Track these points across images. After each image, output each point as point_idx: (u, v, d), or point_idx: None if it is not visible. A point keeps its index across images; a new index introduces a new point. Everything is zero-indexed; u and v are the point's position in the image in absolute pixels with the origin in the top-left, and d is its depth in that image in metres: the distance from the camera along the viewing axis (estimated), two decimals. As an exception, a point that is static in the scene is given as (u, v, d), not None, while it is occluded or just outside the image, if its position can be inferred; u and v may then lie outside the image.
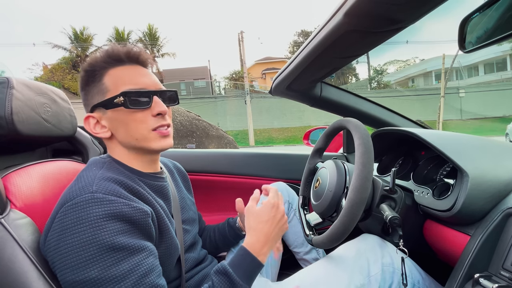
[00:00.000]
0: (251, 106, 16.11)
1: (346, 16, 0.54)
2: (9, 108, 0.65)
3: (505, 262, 0.56)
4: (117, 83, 0.60)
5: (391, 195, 0.74)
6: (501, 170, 0.67)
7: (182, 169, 0.89)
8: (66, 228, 0.49)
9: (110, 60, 0.61)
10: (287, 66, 0.90)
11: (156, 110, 0.61)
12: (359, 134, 0.69)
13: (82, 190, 0.52)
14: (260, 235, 0.62)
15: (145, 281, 0.51)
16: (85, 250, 0.48)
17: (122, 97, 0.58)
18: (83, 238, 0.48)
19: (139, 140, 0.61)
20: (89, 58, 0.62)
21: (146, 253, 0.53)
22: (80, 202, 0.51)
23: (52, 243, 0.51)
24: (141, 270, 0.51)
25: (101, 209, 0.50)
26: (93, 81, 0.61)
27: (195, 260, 0.75)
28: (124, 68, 0.62)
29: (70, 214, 0.50)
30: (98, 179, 0.55)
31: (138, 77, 0.62)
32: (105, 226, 0.49)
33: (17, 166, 0.67)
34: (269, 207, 0.66)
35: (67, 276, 0.48)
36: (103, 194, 0.52)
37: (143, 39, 22.28)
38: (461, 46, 0.58)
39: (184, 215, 0.77)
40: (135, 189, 0.58)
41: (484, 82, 20.19)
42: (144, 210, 0.55)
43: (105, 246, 0.49)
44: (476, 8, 0.54)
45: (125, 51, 0.62)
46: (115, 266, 0.49)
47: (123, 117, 0.60)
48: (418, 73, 24.67)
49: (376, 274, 0.72)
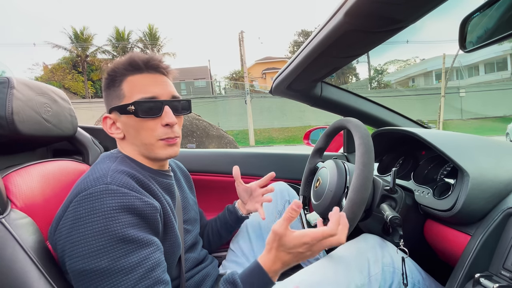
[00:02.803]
0: (251, 106, 16.12)
1: (346, 16, 0.54)
2: (9, 108, 0.65)
3: (506, 262, 0.56)
4: (132, 91, 0.62)
5: (392, 195, 0.74)
6: (502, 170, 0.67)
7: (185, 169, 0.91)
8: (79, 217, 0.50)
9: (130, 68, 0.63)
10: (287, 66, 0.90)
11: (165, 121, 0.62)
12: (359, 134, 0.69)
13: (96, 181, 0.54)
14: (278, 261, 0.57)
15: (152, 275, 0.52)
16: (97, 240, 0.49)
17: (133, 106, 0.61)
18: (95, 228, 0.49)
19: (147, 146, 0.64)
20: (112, 63, 0.65)
21: (154, 248, 0.54)
22: (95, 192, 0.52)
23: (64, 231, 0.51)
24: (149, 264, 0.52)
25: (115, 200, 0.52)
26: (113, 85, 0.64)
27: (195, 260, 0.76)
28: (142, 76, 0.63)
29: (84, 204, 0.51)
30: (112, 171, 0.56)
31: (152, 86, 0.63)
32: (117, 217, 0.51)
33: (17, 166, 0.67)
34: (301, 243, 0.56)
35: (77, 264, 0.49)
36: (117, 186, 0.54)
37: (143, 39, 22.28)
38: (462, 46, 0.58)
39: (186, 215, 0.78)
40: (146, 184, 0.60)
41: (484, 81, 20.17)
42: (154, 205, 0.57)
43: (116, 237, 0.50)
44: (477, 8, 0.54)
45: (145, 60, 0.63)
46: (124, 258, 0.50)
47: (134, 124, 0.62)
48: (419, 72, 24.64)
49: (376, 274, 0.72)
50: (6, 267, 0.51)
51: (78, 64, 20.72)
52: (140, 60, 0.63)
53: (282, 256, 0.57)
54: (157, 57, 0.65)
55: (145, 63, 0.64)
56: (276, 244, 0.56)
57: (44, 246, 0.59)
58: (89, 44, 20.90)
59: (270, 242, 0.57)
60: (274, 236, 0.56)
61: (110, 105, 0.65)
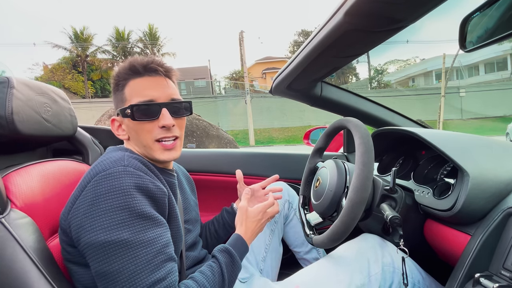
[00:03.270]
0: (251, 106, 16.11)
1: (346, 15, 0.54)
2: (9, 107, 0.65)
3: (506, 262, 0.56)
4: (131, 95, 0.65)
5: (392, 194, 0.74)
6: (502, 169, 0.67)
7: (187, 173, 0.92)
8: (100, 194, 0.53)
9: (130, 72, 0.66)
10: (287, 65, 0.90)
11: (161, 123, 0.64)
12: (359, 134, 0.69)
13: (115, 163, 0.58)
14: (248, 230, 0.73)
15: (166, 251, 0.56)
16: (118, 214, 0.52)
17: (129, 110, 0.63)
18: (116, 204, 0.53)
19: (146, 147, 0.66)
20: (117, 68, 0.68)
21: (165, 227, 0.59)
22: (114, 172, 0.56)
23: (82, 208, 0.54)
24: (163, 241, 0.56)
25: (133, 180, 0.56)
26: (117, 89, 0.68)
27: (195, 258, 0.76)
28: (141, 80, 0.66)
29: (104, 182, 0.54)
30: (127, 157, 0.61)
31: (150, 89, 0.65)
32: (135, 195, 0.55)
33: (17, 165, 0.67)
34: (257, 212, 0.75)
35: (99, 236, 0.51)
36: (133, 169, 0.58)
37: (143, 39, 22.28)
38: (462, 46, 0.58)
39: (187, 216, 0.78)
40: (155, 172, 0.64)
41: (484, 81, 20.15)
42: (164, 190, 0.61)
43: (136, 212, 0.54)
44: (477, 8, 0.54)
45: (143, 64, 0.65)
46: (143, 232, 0.53)
47: (133, 126, 0.66)
48: (419, 72, 24.63)
49: (376, 274, 0.72)
50: (6, 267, 0.51)
51: (78, 64, 20.72)
52: (139, 64, 0.65)
53: (250, 225, 0.73)
54: (157, 61, 0.67)
55: (144, 66, 0.65)
56: (244, 216, 0.73)
57: (44, 246, 0.59)
58: (89, 44, 20.90)
59: (239, 217, 0.74)
60: (242, 211, 0.74)
61: (117, 108, 0.68)
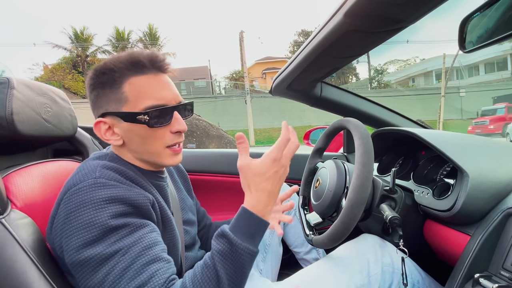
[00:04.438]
0: (251, 106, 16.11)
1: (346, 16, 0.54)
2: (9, 108, 0.65)
3: (505, 262, 0.56)
4: (139, 96, 0.56)
5: (391, 195, 0.74)
6: (501, 170, 0.67)
7: (182, 169, 0.88)
8: (70, 212, 0.51)
9: (133, 68, 0.57)
10: (287, 66, 0.90)
11: (176, 128, 0.59)
12: (359, 134, 0.69)
13: (85, 176, 0.54)
14: (262, 194, 0.53)
15: (149, 252, 0.51)
16: (89, 231, 0.49)
17: (147, 116, 0.56)
18: (86, 220, 0.50)
19: (153, 154, 0.61)
20: (109, 60, 0.57)
21: (149, 229, 0.54)
22: (84, 186, 0.52)
23: (58, 227, 0.52)
24: (145, 243, 0.51)
25: (104, 192, 0.52)
26: (110, 86, 0.57)
27: (193, 259, 0.76)
28: (147, 77, 0.57)
29: (74, 198, 0.51)
30: (100, 167, 0.56)
31: (161, 90, 0.58)
32: (107, 208, 0.51)
33: (17, 166, 0.67)
34: (270, 161, 0.53)
35: (73, 256, 0.49)
36: (105, 179, 0.53)
37: (143, 38, 22.28)
38: (462, 46, 0.58)
39: (184, 216, 0.77)
40: (137, 179, 0.58)
41: (484, 81, 20.16)
42: (145, 196, 0.56)
43: (107, 226, 0.50)
44: (476, 8, 0.54)
45: (149, 58, 0.57)
46: (118, 242, 0.50)
47: (142, 132, 0.58)
48: (419, 72, 24.63)
49: (376, 274, 0.72)
50: (6, 267, 0.51)
51: (78, 64, 20.71)
52: (145, 58, 0.57)
53: (262, 186, 0.53)
54: (161, 55, 0.59)
55: (151, 61, 0.57)
56: (250, 176, 0.53)
57: (44, 246, 0.59)
58: (89, 44, 20.90)
59: (244, 181, 0.55)
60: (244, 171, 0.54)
61: (106, 108, 0.58)
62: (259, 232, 0.53)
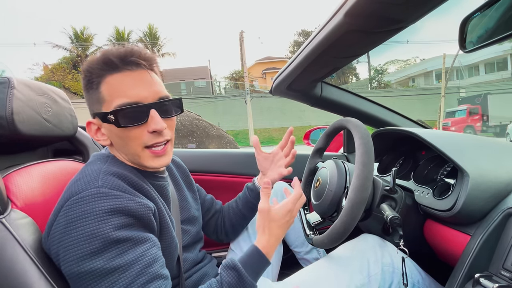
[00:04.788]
0: (251, 106, 16.10)
1: (346, 16, 0.54)
2: (10, 108, 0.65)
3: (506, 262, 0.56)
4: (112, 95, 0.55)
5: (392, 195, 0.74)
6: (502, 170, 0.67)
7: (182, 164, 0.88)
8: (71, 222, 0.50)
9: (106, 67, 0.55)
10: (287, 65, 0.90)
11: (152, 128, 0.56)
12: (359, 134, 0.69)
13: (88, 184, 0.53)
14: (272, 237, 0.62)
15: (149, 270, 0.51)
16: (90, 243, 0.48)
17: (112, 115, 0.54)
18: (88, 232, 0.49)
19: (133, 155, 0.59)
20: (86, 62, 0.57)
21: (150, 244, 0.54)
22: (86, 196, 0.51)
23: (56, 236, 0.51)
24: (146, 260, 0.51)
25: (106, 203, 0.51)
26: (91, 87, 0.57)
27: (193, 260, 0.75)
28: (121, 75, 0.56)
29: (75, 207, 0.50)
30: (103, 174, 0.55)
31: (133, 88, 0.55)
32: (109, 220, 0.50)
33: (18, 166, 0.67)
34: (285, 211, 0.63)
35: (72, 268, 0.49)
36: (108, 189, 0.52)
37: (143, 39, 22.29)
38: (462, 46, 0.58)
39: (184, 215, 0.77)
40: (139, 184, 0.58)
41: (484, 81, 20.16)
42: (147, 206, 0.56)
43: (109, 239, 0.49)
44: (477, 8, 0.54)
45: (120, 56, 0.55)
46: (119, 257, 0.49)
47: (117, 133, 0.57)
48: (419, 72, 24.64)
49: (376, 274, 0.72)
50: (6, 267, 0.51)
51: (78, 64, 20.70)
52: (115, 56, 0.55)
53: (275, 231, 0.62)
54: (136, 50, 0.56)
55: (122, 59, 0.55)
56: (267, 220, 0.62)
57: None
58: (89, 44, 20.91)
59: (261, 223, 0.63)
60: (263, 214, 0.62)
61: (92, 109, 0.59)
62: (263, 269, 0.60)
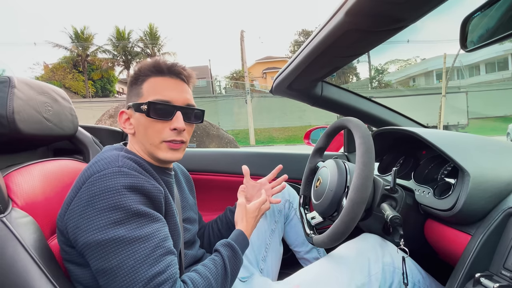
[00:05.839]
0: (251, 106, 16.11)
1: (347, 15, 0.54)
2: (10, 107, 0.65)
3: (506, 262, 0.56)
4: (150, 92, 0.66)
5: (392, 194, 0.74)
6: (502, 169, 0.67)
7: (187, 172, 0.92)
8: (94, 195, 0.54)
9: (153, 69, 0.67)
10: (288, 65, 0.90)
11: (174, 125, 0.65)
12: (360, 134, 0.69)
13: (109, 164, 0.58)
14: (248, 224, 0.78)
15: (164, 245, 0.57)
16: (113, 213, 0.53)
17: (146, 106, 0.64)
18: (111, 203, 0.53)
19: (151, 145, 0.67)
20: (139, 64, 0.69)
21: (162, 223, 0.60)
22: (108, 173, 0.56)
23: (78, 209, 0.54)
24: (161, 235, 0.57)
25: (126, 180, 0.56)
26: (135, 83, 0.68)
27: (193, 257, 0.77)
28: (163, 79, 0.67)
29: (98, 183, 0.55)
30: (122, 157, 0.60)
31: (169, 90, 0.66)
32: (129, 195, 0.55)
33: (18, 165, 0.67)
34: (255, 208, 0.80)
35: (95, 236, 0.52)
36: (127, 169, 0.58)
37: (143, 38, 22.29)
38: (463, 45, 0.58)
39: (185, 214, 0.79)
40: (151, 171, 0.65)
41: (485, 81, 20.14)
42: (160, 188, 0.61)
43: (130, 211, 0.54)
44: (478, 8, 0.54)
45: (167, 65, 0.67)
46: (139, 229, 0.54)
47: (144, 122, 0.65)
48: (419, 72, 24.60)
49: (376, 274, 0.72)
50: (7, 266, 0.51)
51: (79, 64, 20.74)
52: (164, 64, 0.67)
53: (250, 221, 0.78)
54: (181, 65, 0.69)
55: (168, 67, 0.67)
56: (245, 212, 0.78)
57: (45, 245, 0.59)
58: (90, 44, 20.93)
59: (240, 213, 0.78)
60: (241, 207, 0.79)
61: (129, 101, 0.68)
62: (246, 248, 0.74)
